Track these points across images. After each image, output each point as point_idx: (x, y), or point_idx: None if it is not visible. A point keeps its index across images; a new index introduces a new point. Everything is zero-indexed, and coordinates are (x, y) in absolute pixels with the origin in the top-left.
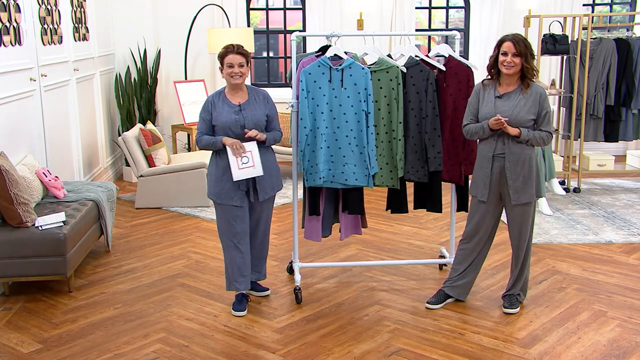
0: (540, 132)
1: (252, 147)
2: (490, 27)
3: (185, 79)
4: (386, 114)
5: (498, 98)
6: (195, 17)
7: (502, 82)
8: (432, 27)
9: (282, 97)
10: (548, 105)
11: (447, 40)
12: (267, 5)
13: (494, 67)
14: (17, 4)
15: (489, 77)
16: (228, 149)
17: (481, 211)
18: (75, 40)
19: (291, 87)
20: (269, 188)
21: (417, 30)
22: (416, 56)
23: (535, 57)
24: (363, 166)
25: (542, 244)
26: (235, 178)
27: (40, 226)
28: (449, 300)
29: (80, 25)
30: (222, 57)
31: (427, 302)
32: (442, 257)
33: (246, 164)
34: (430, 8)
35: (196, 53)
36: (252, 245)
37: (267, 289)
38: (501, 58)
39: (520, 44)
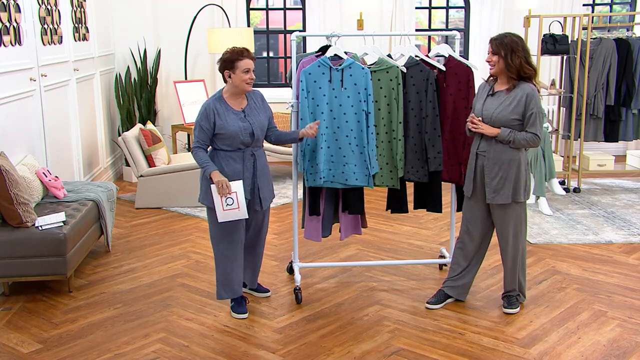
0: (525, 134)
1: (237, 187)
2: (490, 27)
3: (185, 79)
4: (386, 114)
5: (490, 96)
6: (195, 17)
7: (498, 80)
8: (432, 27)
9: (282, 97)
10: (535, 106)
11: (447, 40)
12: (267, 5)
13: None
14: (17, 4)
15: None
16: (213, 187)
17: (469, 209)
18: (75, 40)
19: (291, 87)
20: (268, 196)
21: (417, 30)
22: (416, 56)
23: (526, 56)
24: (363, 166)
25: (542, 244)
26: (220, 219)
27: (40, 226)
28: (449, 300)
29: (80, 25)
30: (233, 61)
31: (427, 302)
32: (442, 257)
33: (230, 205)
34: (430, 8)
35: (196, 53)
36: (253, 252)
37: (268, 290)
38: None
39: (496, 42)
